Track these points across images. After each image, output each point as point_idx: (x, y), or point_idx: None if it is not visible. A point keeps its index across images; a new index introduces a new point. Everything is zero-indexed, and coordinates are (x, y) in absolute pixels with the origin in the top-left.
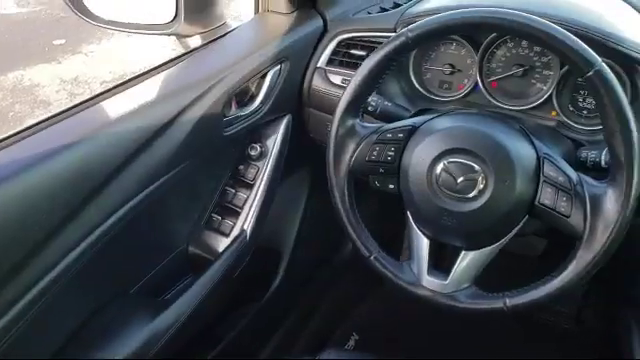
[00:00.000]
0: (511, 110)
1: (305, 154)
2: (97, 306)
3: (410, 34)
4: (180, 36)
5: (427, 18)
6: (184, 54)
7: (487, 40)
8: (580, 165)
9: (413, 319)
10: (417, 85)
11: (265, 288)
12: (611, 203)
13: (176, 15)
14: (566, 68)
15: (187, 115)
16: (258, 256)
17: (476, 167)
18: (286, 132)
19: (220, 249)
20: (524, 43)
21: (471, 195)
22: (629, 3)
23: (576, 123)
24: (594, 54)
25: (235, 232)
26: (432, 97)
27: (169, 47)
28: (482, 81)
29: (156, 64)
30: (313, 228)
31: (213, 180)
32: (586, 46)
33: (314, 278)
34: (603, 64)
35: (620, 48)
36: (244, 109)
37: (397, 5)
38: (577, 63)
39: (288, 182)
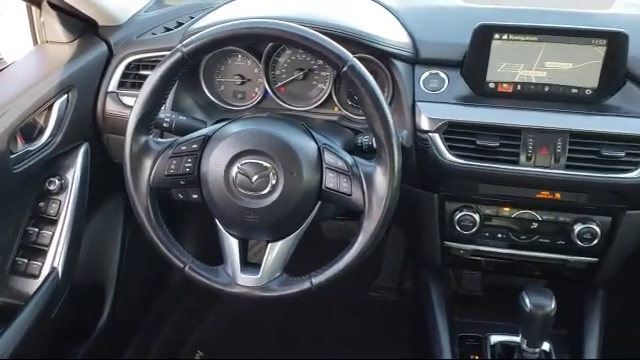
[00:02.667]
0: (299, 111)
1: (113, 181)
2: None
3: (184, 49)
4: None
5: (200, 33)
6: None
7: (267, 49)
8: (358, 149)
9: (254, 326)
10: (212, 97)
11: (92, 325)
12: (380, 178)
13: None
14: None
15: None
16: (78, 292)
17: (266, 164)
18: (85, 161)
19: (31, 292)
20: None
21: (266, 191)
22: (380, 4)
23: (354, 114)
24: (345, 51)
25: (45, 272)
26: (228, 107)
27: None
28: (270, 88)
29: None
30: (138, 255)
31: (12, 221)
32: (337, 44)
33: (150, 304)
34: (355, 60)
35: (374, 44)
36: (33, 143)
37: (180, 24)
38: (332, 61)
39: (102, 212)
